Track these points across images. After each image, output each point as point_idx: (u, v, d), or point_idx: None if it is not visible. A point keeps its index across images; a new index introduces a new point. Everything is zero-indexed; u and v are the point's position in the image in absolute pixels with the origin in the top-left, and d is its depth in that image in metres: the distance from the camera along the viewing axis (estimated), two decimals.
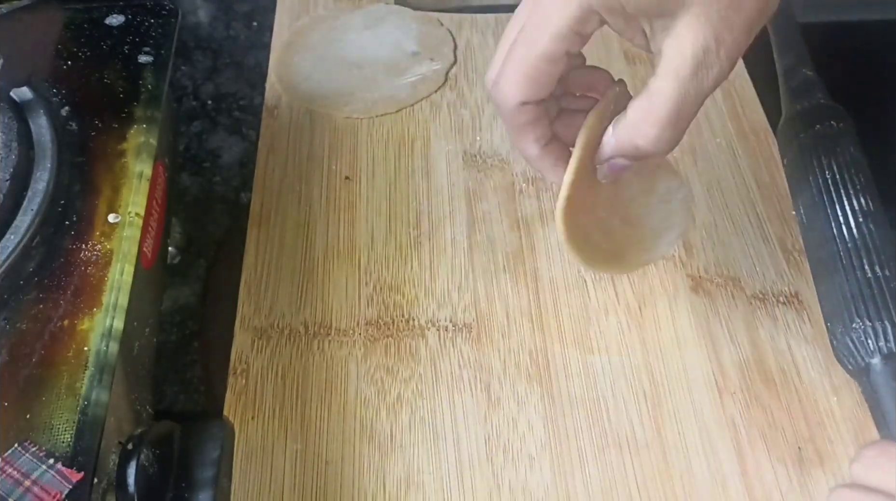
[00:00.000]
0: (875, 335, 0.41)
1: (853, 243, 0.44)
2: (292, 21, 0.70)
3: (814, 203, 0.47)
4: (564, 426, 0.47)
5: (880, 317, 0.41)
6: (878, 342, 0.41)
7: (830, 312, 0.44)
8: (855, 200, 0.46)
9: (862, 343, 0.41)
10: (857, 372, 0.41)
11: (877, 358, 0.40)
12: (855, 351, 0.41)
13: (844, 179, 0.47)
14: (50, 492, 0.33)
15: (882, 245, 0.44)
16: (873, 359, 0.40)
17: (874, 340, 0.41)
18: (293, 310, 0.53)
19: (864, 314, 0.41)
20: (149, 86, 0.49)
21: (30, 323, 0.38)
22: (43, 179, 0.43)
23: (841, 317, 0.43)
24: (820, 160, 0.48)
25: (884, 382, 0.40)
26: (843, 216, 0.45)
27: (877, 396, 0.40)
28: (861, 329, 0.41)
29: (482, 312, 0.52)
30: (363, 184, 0.59)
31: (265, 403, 0.49)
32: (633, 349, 0.51)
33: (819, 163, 0.48)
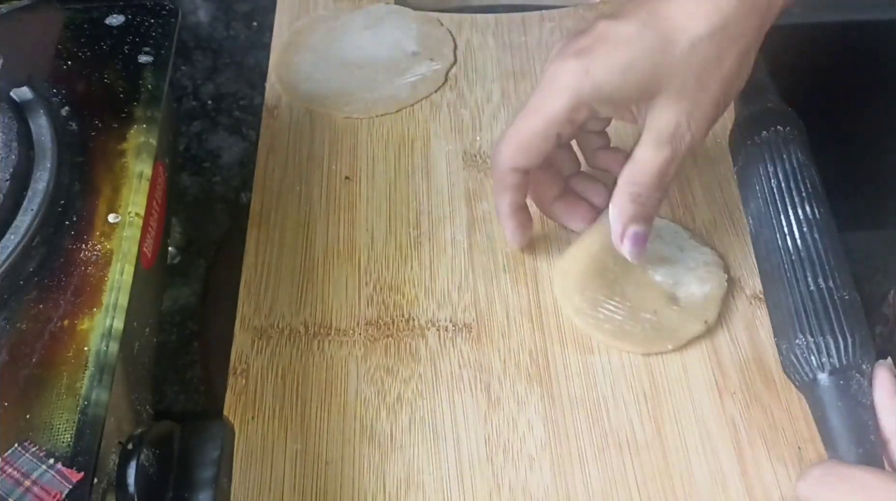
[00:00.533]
0: (819, 351, 0.40)
1: (797, 255, 0.43)
2: (292, 21, 0.70)
3: (760, 213, 0.47)
4: (564, 427, 0.47)
5: (823, 332, 0.40)
6: (821, 357, 0.39)
7: (776, 326, 0.43)
8: (800, 208, 0.45)
9: (806, 359, 0.40)
10: (804, 387, 0.40)
11: (823, 374, 0.39)
12: (800, 367, 0.40)
13: (790, 186, 0.46)
14: (50, 492, 0.33)
15: (826, 256, 0.43)
16: (819, 375, 0.39)
17: (818, 355, 0.40)
18: (293, 310, 0.53)
19: (807, 330, 0.40)
20: (149, 86, 0.49)
21: (30, 323, 0.38)
22: (43, 179, 0.43)
23: (785, 332, 0.42)
24: (766, 168, 0.47)
25: (829, 399, 0.39)
26: (787, 226, 0.44)
27: (823, 412, 0.39)
28: (804, 345, 0.40)
29: (482, 312, 0.52)
30: (363, 184, 0.59)
31: (265, 403, 0.49)
32: None
33: (766, 170, 0.47)
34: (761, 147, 0.48)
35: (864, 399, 0.38)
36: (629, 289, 0.52)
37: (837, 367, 0.39)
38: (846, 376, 0.39)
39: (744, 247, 0.55)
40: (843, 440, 0.37)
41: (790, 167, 0.47)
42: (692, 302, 0.51)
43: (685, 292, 0.52)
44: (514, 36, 0.69)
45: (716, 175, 0.60)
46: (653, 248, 0.52)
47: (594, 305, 0.51)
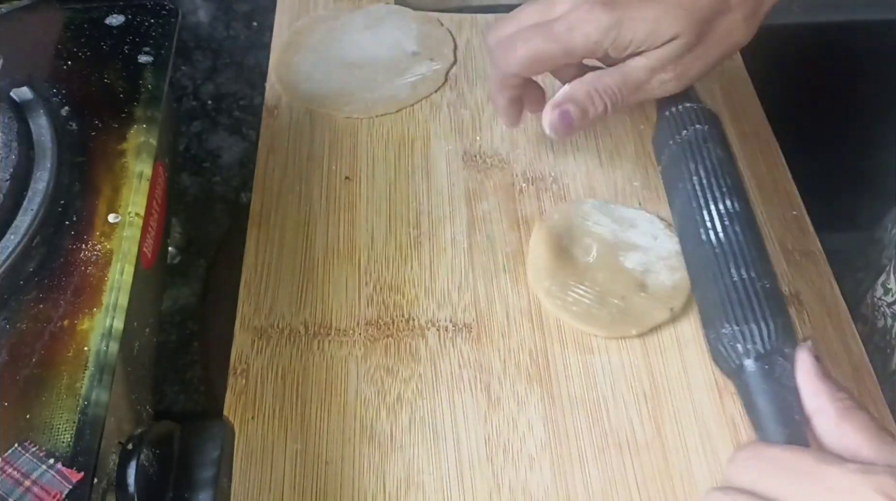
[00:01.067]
0: (744, 338, 0.41)
1: (720, 248, 0.44)
2: (292, 21, 0.70)
3: (683, 210, 0.48)
4: (564, 427, 0.47)
5: (746, 320, 0.41)
6: (747, 344, 0.40)
7: (703, 317, 0.44)
8: (721, 203, 0.46)
9: (733, 347, 0.41)
10: (731, 374, 0.42)
11: (749, 360, 0.40)
12: (727, 355, 0.42)
13: (711, 182, 0.47)
14: (50, 492, 0.33)
15: (748, 247, 0.44)
16: (745, 361, 0.41)
17: (743, 343, 0.41)
18: (293, 310, 0.53)
19: (732, 319, 0.41)
20: (149, 86, 0.49)
21: (30, 323, 0.38)
22: (43, 179, 0.43)
23: (712, 322, 0.43)
24: (688, 165, 0.48)
25: (755, 383, 0.40)
26: (710, 221, 0.45)
27: (750, 397, 0.40)
28: (730, 333, 0.41)
29: (482, 312, 0.52)
30: (363, 184, 0.59)
31: (265, 403, 0.49)
32: (633, 349, 0.51)
33: (687, 168, 0.48)
34: (682, 146, 0.50)
35: (788, 382, 0.39)
36: (599, 275, 0.53)
37: (762, 353, 0.40)
38: (770, 361, 0.40)
39: None
40: (769, 421, 0.39)
41: (710, 164, 0.48)
42: (660, 290, 0.53)
43: (654, 280, 0.53)
44: None
45: None
46: (627, 236, 0.55)
47: (564, 288, 0.52)
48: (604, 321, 0.51)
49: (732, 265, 0.44)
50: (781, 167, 0.61)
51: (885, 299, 0.63)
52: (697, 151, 0.49)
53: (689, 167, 0.48)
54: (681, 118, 0.51)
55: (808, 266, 0.55)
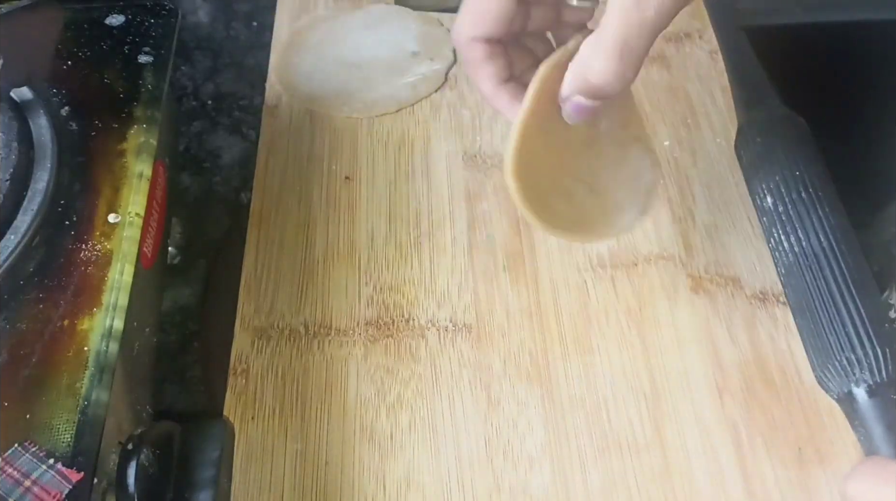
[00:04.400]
0: (852, 367, 0.40)
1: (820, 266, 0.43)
2: (292, 21, 0.70)
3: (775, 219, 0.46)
4: (564, 427, 0.47)
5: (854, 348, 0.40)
6: (855, 373, 0.40)
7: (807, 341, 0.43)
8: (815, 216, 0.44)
9: (841, 375, 0.40)
10: (839, 400, 0.41)
11: (858, 389, 0.40)
12: (834, 382, 0.41)
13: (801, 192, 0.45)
14: (50, 492, 0.33)
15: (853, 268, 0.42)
16: (855, 389, 0.40)
17: (856, 370, 0.40)
18: (293, 310, 0.53)
19: (840, 347, 0.41)
20: (149, 86, 0.49)
21: (30, 323, 0.38)
22: (43, 179, 0.43)
23: (818, 348, 0.42)
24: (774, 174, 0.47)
25: (866, 410, 0.39)
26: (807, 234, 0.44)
27: (864, 423, 0.39)
28: (839, 361, 0.40)
29: (482, 312, 0.52)
30: (363, 184, 0.59)
31: (265, 403, 0.49)
32: (633, 350, 0.51)
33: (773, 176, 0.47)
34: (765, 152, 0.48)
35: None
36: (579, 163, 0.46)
37: (871, 384, 0.39)
38: (880, 388, 0.40)
39: (744, 247, 0.55)
40: (884, 444, 0.38)
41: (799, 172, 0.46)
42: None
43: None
44: None
45: (716, 175, 0.60)
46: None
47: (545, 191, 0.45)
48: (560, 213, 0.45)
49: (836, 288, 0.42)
50: None
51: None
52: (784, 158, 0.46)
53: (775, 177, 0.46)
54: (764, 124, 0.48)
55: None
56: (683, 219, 0.57)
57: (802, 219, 0.44)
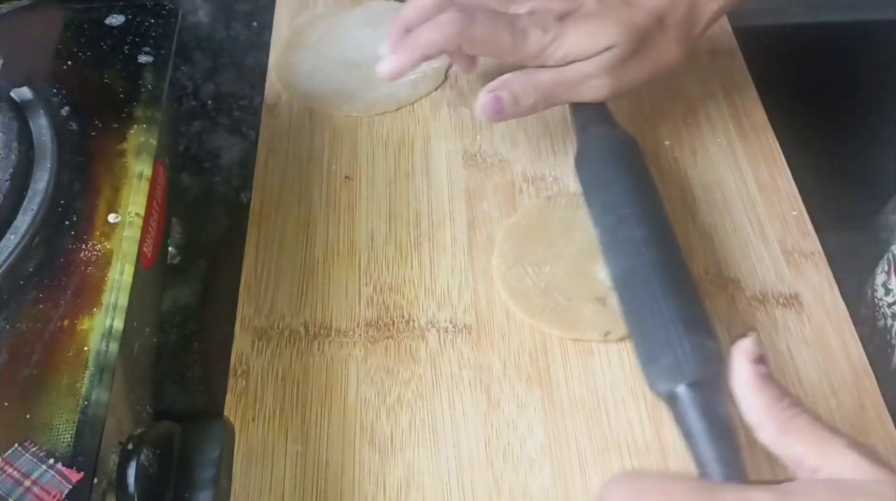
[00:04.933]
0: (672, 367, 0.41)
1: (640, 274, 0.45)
2: (292, 19, 0.70)
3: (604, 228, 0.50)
4: (564, 429, 0.47)
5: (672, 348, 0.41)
6: (675, 373, 0.41)
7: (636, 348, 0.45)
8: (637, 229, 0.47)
9: (662, 376, 0.41)
10: (667, 402, 0.41)
11: (681, 386, 0.40)
12: (659, 385, 0.42)
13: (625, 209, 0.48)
14: (50, 492, 0.33)
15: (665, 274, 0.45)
16: (677, 388, 0.40)
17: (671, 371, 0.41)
18: (293, 311, 0.52)
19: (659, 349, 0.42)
20: (149, 86, 0.49)
21: (30, 323, 0.38)
22: (43, 179, 0.42)
23: (643, 353, 0.43)
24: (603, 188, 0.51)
25: (685, 409, 0.40)
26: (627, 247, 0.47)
27: (684, 422, 0.40)
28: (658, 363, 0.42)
29: (482, 312, 0.52)
30: (363, 184, 0.59)
31: (265, 404, 0.49)
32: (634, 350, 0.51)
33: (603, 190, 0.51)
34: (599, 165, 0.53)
35: (722, 404, 0.39)
36: (562, 268, 0.53)
37: (692, 380, 0.40)
38: (700, 386, 0.40)
39: (744, 247, 0.55)
40: (699, 445, 0.39)
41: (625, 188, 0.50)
42: (615, 311, 0.50)
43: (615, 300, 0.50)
44: None
45: (716, 175, 0.60)
46: None
47: (518, 260, 0.53)
48: (535, 307, 0.51)
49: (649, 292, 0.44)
50: (781, 167, 0.61)
51: (885, 299, 0.63)
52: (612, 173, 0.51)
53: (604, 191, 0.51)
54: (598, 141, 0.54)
55: (808, 267, 0.55)
56: (683, 219, 0.57)
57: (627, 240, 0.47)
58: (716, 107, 0.64)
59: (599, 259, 0.53)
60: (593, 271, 0.53)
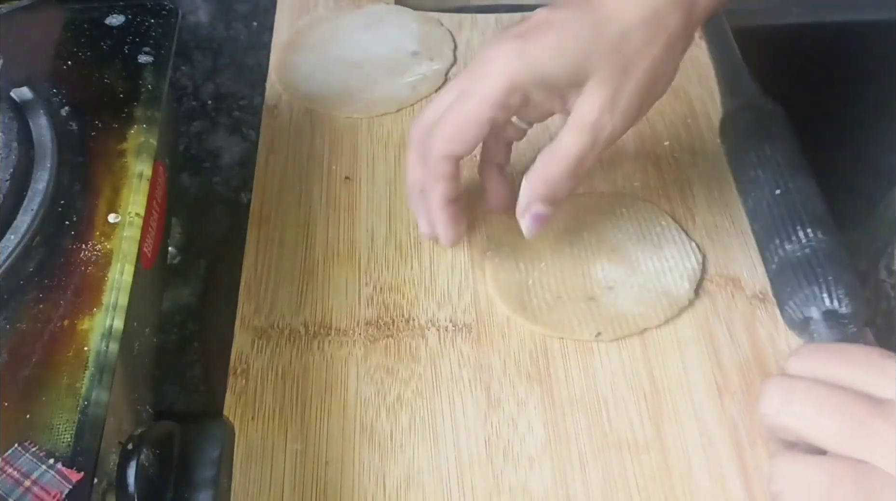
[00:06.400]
0: (812, 297, 0.47)
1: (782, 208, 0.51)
2: (292, 21, 0.70)
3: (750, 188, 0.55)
4: (564, 427, 0.47)
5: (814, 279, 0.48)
6: (820, 299, 0.47)
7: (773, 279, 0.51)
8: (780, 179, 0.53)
9: (800, 306, 0.48)
10: (799, 329, 0.48)
11: (819, 314, 0.47)
12: (795, 312, 0.48)
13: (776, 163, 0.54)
14: (50, 492, 0.33)
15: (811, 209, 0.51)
16: (816, 315, 0.47)
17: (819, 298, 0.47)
18: (293, 310, 0.53)
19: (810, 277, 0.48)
20: (149, 86, 0.49)
21: (30, 323, 0.38)
22: (43, 179, 0.43)
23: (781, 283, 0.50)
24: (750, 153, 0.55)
25: (821, 332, 0.47)
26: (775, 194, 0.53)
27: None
28: (799, 294, 0.48)
29: (482, 312, 0.52)
30: (363, 184, 0.59)
31: (265, 403, 0.49)
32: (633, 349, 0.51)
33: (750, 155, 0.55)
34: (746, 131, 0.56)
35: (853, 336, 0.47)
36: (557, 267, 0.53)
37: (827, 310, 0.47)
38: (836, 317, 0.47)
39: (744, 247, 0.55)
40: None
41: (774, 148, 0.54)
42: (606, 310, 0.51)
43: (609, 300, 0.52)
44: None
45: (716, 175, 0.60)
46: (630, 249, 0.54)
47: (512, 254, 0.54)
48: (516, 301, 0.52)
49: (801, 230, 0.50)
50: None
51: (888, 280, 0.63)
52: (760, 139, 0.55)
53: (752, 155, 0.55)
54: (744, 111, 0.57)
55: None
56: (683, 219, 0.57)
57: (777, 179, 0.53)
58: (715, 107, 0.64)
59: (602, 258, 0.53)
60: (593, 271, 0.53)
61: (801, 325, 0.48)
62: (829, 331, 0.47)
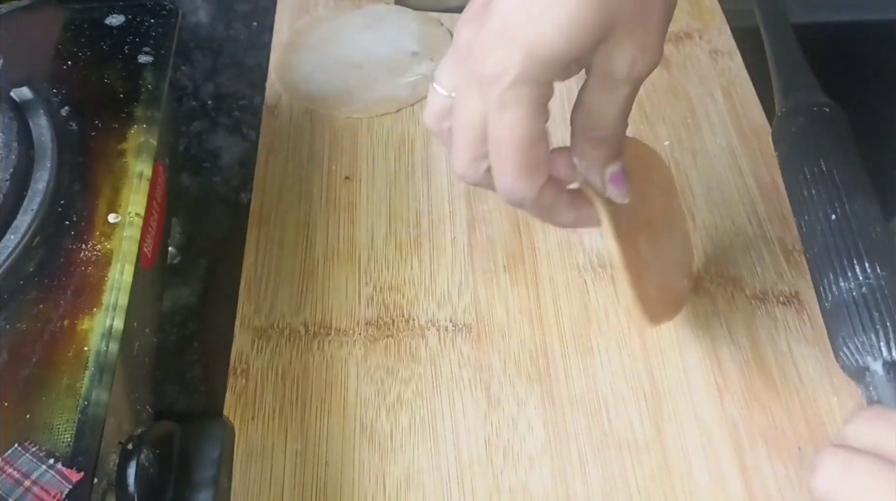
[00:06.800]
0: (870, 345, 0.40)
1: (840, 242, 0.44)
2: (292, 21, 0.70)
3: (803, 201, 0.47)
4: (564, 427, 0.47)
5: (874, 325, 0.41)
6: (872, 350, 0.40)
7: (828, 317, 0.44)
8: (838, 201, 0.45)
9: (858, 351, 0.41)
10: (856, 377, 0.41)
11: (876, 363, 0.40)
12: (851, 358, 0.41)
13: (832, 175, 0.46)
14: (50, 492, 0.33)
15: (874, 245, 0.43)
16: (872, 364, 0.40)
17: (869, 348, 0.40)
18: (293, 310, 0.53)
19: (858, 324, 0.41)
20: (149, 86, 0.49)
21: (30, 323, 0.38)
22: (43, 179, 0.43)
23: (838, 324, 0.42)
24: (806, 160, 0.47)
25: (881, 385, 0.40)
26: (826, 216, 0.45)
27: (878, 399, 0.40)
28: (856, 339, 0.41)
29: (482, 312, 0.52)
30: (363, 184, 0.59)
31: (265, 403, 0.49)
32: (633, 349, 0.51)
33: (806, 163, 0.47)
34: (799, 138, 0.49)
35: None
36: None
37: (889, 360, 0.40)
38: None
39: (744, 247, 0.55)
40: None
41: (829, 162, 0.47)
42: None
43: None
44: None
45: (716, 175, 0.60)
46: None
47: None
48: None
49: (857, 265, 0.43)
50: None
51: None
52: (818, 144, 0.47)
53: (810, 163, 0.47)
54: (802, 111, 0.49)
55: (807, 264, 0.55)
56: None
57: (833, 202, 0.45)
58: (715, 107, 0.64)
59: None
60: None
61: (858, 373, 0.43)
62: (887, 384, 0.41)
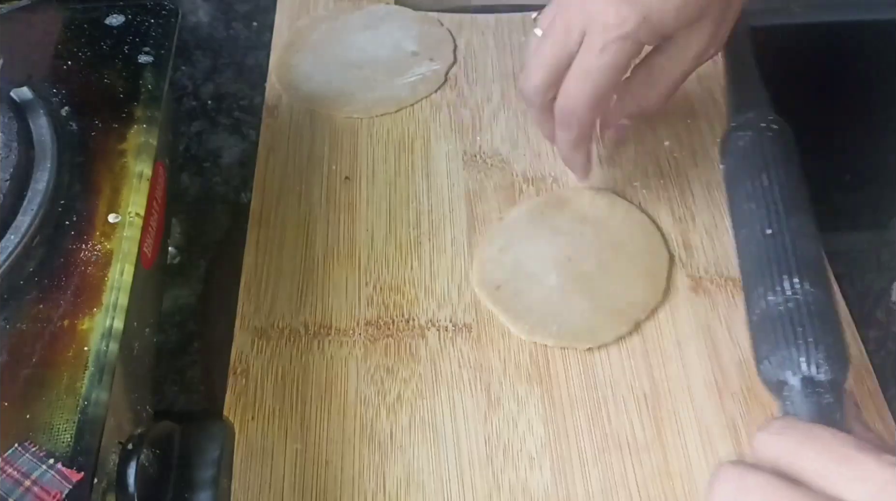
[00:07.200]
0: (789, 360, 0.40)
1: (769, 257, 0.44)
2: (292, 21, 0.70)
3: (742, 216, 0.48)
4: (564, 427, 0.47)
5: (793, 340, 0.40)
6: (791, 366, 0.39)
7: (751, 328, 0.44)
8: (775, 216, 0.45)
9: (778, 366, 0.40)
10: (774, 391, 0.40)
11: (794, 378, 0.39)
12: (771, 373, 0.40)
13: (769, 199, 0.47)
14: (50, 492, 0.33)
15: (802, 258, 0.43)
16: (791, 379, 0.39)
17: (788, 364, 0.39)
18: (293, 310, 0.53)
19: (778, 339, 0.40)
20: (149, 86, 0.49)
21: (30, 323, 0.38)
22: (43, 179, 0.43)
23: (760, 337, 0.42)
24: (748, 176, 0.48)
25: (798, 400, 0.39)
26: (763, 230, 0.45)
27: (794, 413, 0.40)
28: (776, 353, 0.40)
29: (482, 312, 0.52)
30: (363, 184, 0.59)
31: (265, 403, 0.49)
32: (633, 350, 0.51)
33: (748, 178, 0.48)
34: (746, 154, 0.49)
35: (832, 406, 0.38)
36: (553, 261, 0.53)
37: (806, 375, 0.39)
38: (813, 383, 0.39)
39: None
40: None
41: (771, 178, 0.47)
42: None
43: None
44: (514, 36, 0.69)
45: (716, 175, 0.60)
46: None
47: (504, 250, 0.54)
48: (492, 294, 0.52)
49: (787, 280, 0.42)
50: None
51: None
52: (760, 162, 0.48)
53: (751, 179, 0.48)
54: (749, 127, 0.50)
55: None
56: (683, 219, 0.57)
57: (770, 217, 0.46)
58: (715, 107, 0.64)
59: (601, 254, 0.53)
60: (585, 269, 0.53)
61: (776, 387, 0.42)
62: (803, 400, 0.40)
